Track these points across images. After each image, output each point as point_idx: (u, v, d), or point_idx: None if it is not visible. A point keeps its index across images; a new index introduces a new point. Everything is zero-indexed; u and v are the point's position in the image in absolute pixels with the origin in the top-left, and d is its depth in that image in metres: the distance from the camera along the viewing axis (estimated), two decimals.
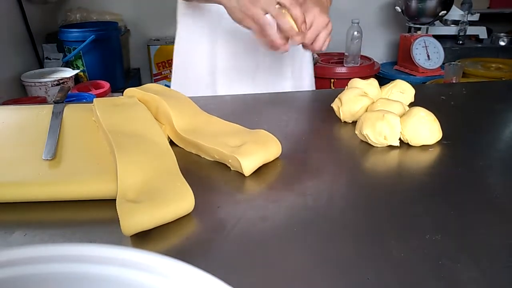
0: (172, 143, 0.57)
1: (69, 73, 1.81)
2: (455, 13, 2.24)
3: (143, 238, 0.39)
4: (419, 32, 2.15)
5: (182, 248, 0.39)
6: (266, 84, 0.92)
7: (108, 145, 0.52)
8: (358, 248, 0.38)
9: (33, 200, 0.45)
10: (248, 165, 0.50)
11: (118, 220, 0.38)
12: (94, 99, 0.65)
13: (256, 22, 0.65)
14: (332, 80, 2.04)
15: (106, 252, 0.22)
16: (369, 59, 2.19)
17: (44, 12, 2.14)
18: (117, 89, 1.95)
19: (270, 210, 0.44)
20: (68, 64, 2.01)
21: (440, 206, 0.44)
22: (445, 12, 2.06)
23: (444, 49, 2.08)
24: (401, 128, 0.58)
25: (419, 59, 2.06)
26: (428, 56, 2.06)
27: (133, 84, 0.72)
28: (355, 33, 2.06)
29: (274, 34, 0.66)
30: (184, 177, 0.45)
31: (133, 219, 0.38)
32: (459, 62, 1.89)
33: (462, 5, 2.25)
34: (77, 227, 0.42)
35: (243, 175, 0.50)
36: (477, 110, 0.74)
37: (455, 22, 2.32)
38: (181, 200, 0.42)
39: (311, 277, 0.35)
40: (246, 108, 0.75)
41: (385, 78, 2.21)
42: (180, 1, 0.92)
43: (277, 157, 0.54)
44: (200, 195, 0.44)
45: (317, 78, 1.59)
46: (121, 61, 2.21)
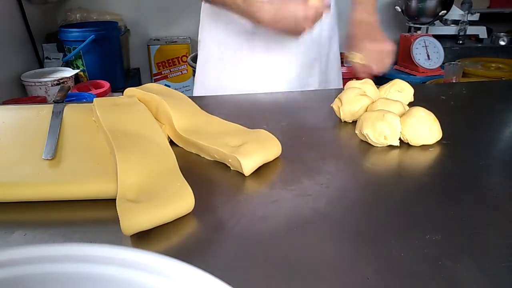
0: (172, 143, 0.57)
1: (69, 73, 1.81)
2: (455, 13, 2.24)
3: (143, 238, 0.39)
4: (419, 32, 2.15)
5: (182, 248, 0.39)
6: (297, 80, 0.94)
7: (108, 145, 0.52)
8: (358, 248, 0.38)
9: (33, 200, 0.45)
10: (248, 165, 0.50)
11: (118, 220, 0.38)
12: (94, 99, 0.65)
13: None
14: None
15: (106, 252, 0.22)
16: None
17: (44, 12, 2.14)
18: (117, 89, 1.95)
19: (270, 210, 0.44)
20: (68, 64, 2.01)
21: (440, 206, 0.44)
22: (445, 12, 2.06)
23: (444, 49, 2.08)
24: (401, 128, 0.58)
25: (419, 59, 2.05)
26: (428, 56, 2.06)
27: (133, 84, 0.72)
28: None
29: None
30: (184, 177, 0.45)
31: (133, 219, 0.38)
32: (459, 62, 1.89)
33: (462, 5, 2.25)
34: (77, 227, 0.42)
35: (243, 175, 0.50)
36: (477, 110, 0.74)
37: (455, 22, 2.31)
38: (181, 200, 0.42)
39: (311, 277, 0.35)
40: (246, 108, 0.75)
41: (385, 78, 2.19)
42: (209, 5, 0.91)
43: (277, 157, 0.54)
44: (200, 195, 0.43)
45: None
46: (121, 61, 2.21)
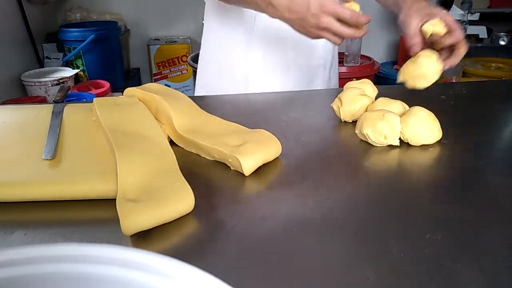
0: (172, 143, 0.57)
1: (69, 73, 1.81)
2: (455, 13, 2.24)
3: (143, 238, 0.39)
4: None
5: (182, 248, 0.39)
6: (298, 82, 0.93)
7: (108, 145, 0.52)
8: (358, 248, 0.38)
9: (33, 200, 0.45)
10: (248, 165, 0.50)
11: (118, 220, 0.38)
12: (94, 99, 0.65)
13: (335, 34, 0.66)
14: None
15: (106, 252, 0.22)
16: (369, 59, 2.18)
17: (44, 12, 2.14)
18: (117, 89, 1.95)
19: (270, 210, 0.44)
20: (68, 64, 2.00)
21: (440, 206, 0.44)
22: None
23: None
24: (401, 128, 0.58)
25: None
26: None
27: (133, 84, 0.72)
28: None
29: (348, 32, 0.66)
30: (184, 177, 0.45)
31: (133, 219, 0.38)
32: (459, 62, 1.89)
33: (462, 5, 2.25)
34: (77, 227, 0.42)
35: (243, 175, 0.50)
36: (477, 110, 0.73)
37: None
38: (181, 200, 0.42)
39: (311, 277, 0.35)
40: (246, 108, 0.75)
41: (385, 78, 2.20)
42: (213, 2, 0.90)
43: (277, 157, 0.54)
44: (200, 195, 0.44)
45: None
46: (121, 61, 2.20)
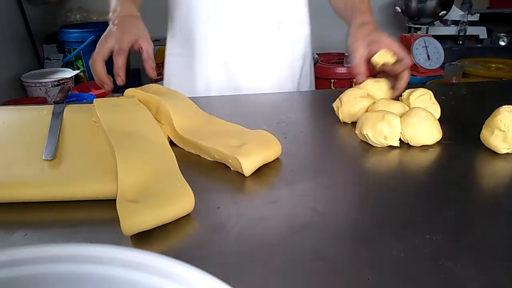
0: (172, 143, 0.57)
1: (69, 74, 1.81)
2: (455, 13, 2.24)
3: (143, 238, 0.39)
4: (419, 32, 2.14)
5: (182, 248, 0.39)
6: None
7: (108, 145, 0.52)
8: (358, 249, 0.38)
9: (33, 200, 0.45)
10: (248, 165, 0.50)
11: (118, 220, 0.38)
12: (94, 100, 0.65)
13: None
14: (332, 80, 2.04)
15: (106, 252, 0.22)
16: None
17: (44, 13, 2.14)
18: (117, 90, 1.94)
19: (270, 210, 0.44)
20: (68, 65, 2.01)
21: (440, 206, 0.44)
22: (445, 12, 2.06)
23: (444, 49, 2.08)
24: (401, 128, 0.58)
25: (419, 59, 2.05)
26: (428, 56, 2.06)
27: (133, 84, 0.72)
28: None
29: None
30: (184, 177, 0.45)
31: (133, 219, 0.38)
32: (459, 62, 1.89)
33: (462, 5, 2.25)
34: (77, 227, 0.42)
35: (243, 175, 0.50)
36: (477, 110, 0.73)
37: (455, 22, 2.31)
38: (181, 200, 0.42)
39: (311, 277, 0.35)
40: (246, 108, 0.75)
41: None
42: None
43: (277, 157, 0.54)
44: (200, 195, 0.44)
45: (317, 78, 1.59)
46: None
